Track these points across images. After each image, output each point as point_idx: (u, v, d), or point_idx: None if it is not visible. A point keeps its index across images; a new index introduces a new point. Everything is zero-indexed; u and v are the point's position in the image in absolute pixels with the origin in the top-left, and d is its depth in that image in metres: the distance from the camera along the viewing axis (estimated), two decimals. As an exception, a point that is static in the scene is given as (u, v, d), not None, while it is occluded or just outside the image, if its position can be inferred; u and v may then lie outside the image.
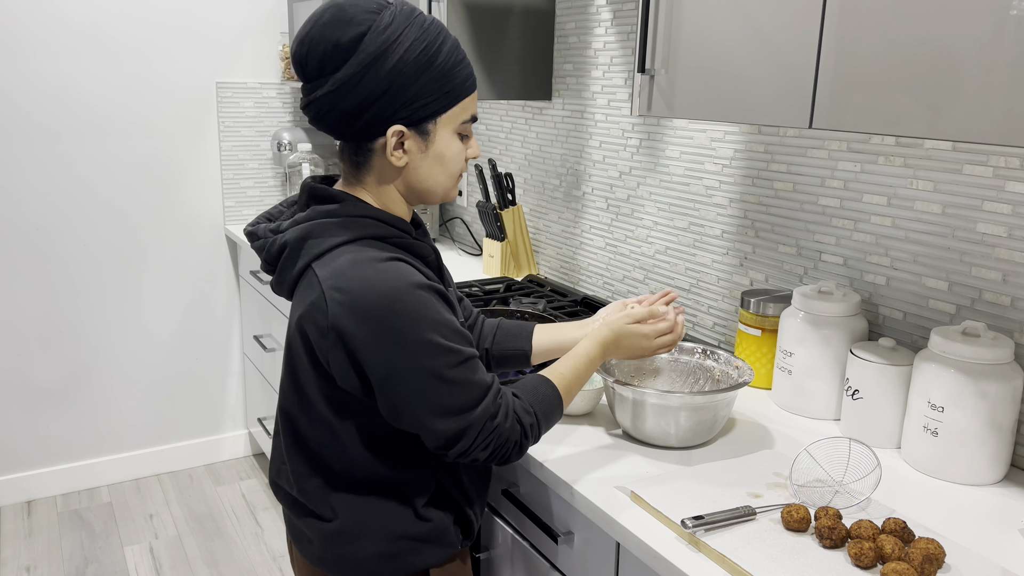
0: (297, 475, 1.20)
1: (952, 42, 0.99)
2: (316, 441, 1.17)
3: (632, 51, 2.07)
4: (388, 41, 1.05)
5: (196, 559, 2.68)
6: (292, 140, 3.07)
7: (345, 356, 1.07)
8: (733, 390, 1.33)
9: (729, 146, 1.83)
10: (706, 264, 1.93)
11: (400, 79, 1.06)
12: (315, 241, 1.10)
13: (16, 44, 2.70)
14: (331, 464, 1.17)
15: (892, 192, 1.49)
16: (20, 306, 2.88)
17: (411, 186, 1.16)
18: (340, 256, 1.08)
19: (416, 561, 1.20)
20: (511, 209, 2.45)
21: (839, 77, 1.13)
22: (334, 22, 1.05)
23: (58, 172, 2.84)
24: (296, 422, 1.19)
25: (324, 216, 1.11)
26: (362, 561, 1.18)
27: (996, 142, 0.95)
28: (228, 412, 3.34)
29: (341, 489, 1.17)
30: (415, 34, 1.06)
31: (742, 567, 1.02)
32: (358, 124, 1.09)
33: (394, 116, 1.08)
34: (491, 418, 1.09)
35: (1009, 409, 1.26)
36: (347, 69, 1.05)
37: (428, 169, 1.14)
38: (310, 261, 1.10)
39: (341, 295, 1.04)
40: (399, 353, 1.04)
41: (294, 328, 1.13)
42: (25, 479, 3.01)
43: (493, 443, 1.09)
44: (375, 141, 1.11)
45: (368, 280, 1.04)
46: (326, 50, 1.06)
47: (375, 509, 1.17)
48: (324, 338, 1.07)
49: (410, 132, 1.10)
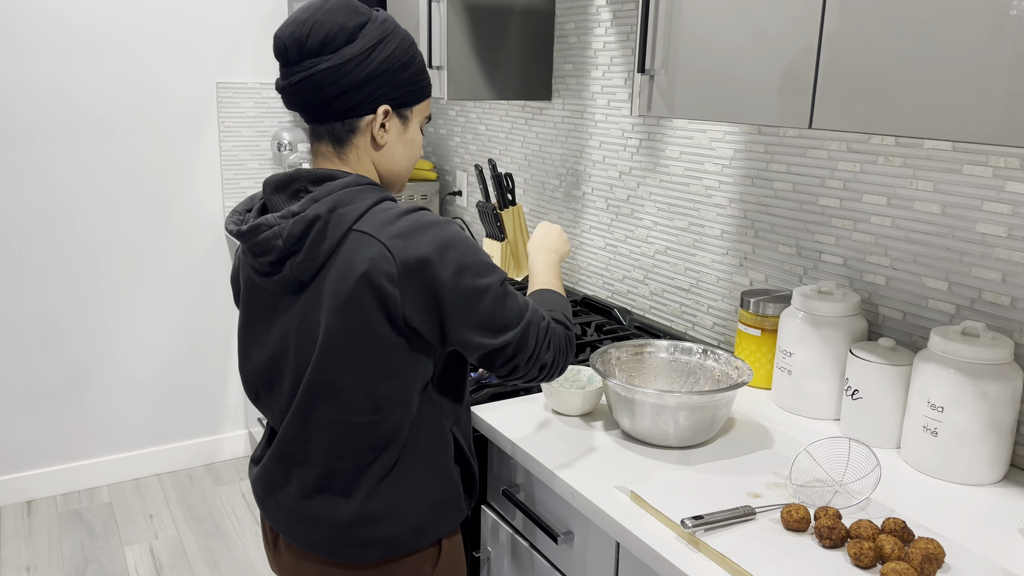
0: (330, 454, 1.20)
1: (952, 42, 0.99)
2: (361, 411, 1.18)
3: (632, 51, 2.07)
4: (386, 33, 1.19)
5: (196, 559, 2.68)
6: (292, 140, 3.07)
7: (420, 292, 1.13)
8: (731, 390, 1.33)
9: (729, 146, 1.83)
10: (706, 264, 1.93)
11: (396, 65, 1.20)
12: (345, 209, 1.16)
13: (15, 45, 2.70)
14: (372, 435, 1.19)
15: (892, 192, 1.49)
16: (20, 306, 2.88)
17: (386, 166, 1.26)
18: (380, 214, 1.16)
19: (438, 529, 1.25)
20: (511, 209, 2.45)
21: (839, 77, 1.13)
22: (339, 10, 1.18)
23: (58, 172, 2.84)
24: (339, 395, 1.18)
25: (341, 188, 1.18)
26: (392, 538, 1.22)
27: (996, 142, 0.95)
28: (228, 412, 3.34)
29: (376, 464, 1.20)
30: (401, 34, 1.22)
31: (742, 567, 1.02)
32: (355, 99, 1.18)
33: (385, 96, 1.21)
34: (541, 318, 1.22)
35: (1009, 409, 1.26)
36: (354, 47, 1.17)
37: (402, 152, 1.26)
38: (350, 226, 1.15)
39: (400, 240, 1.13)
40: (463, 274, 1.14)
41: (354, 291, 1.14)
42: (25, 479, 3.01)
43: (552, 342, 1.23)
44: (363, 118, 1.21)
45: (415, 222, 1.15)
46: (331, 31, 1.16)
47: (404, 480, 1.21)
48: (395, 283, 1.13)
49: (394, 114, 1.23)
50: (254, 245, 1.19)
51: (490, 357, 1.19)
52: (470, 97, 2.28)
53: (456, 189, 3.01)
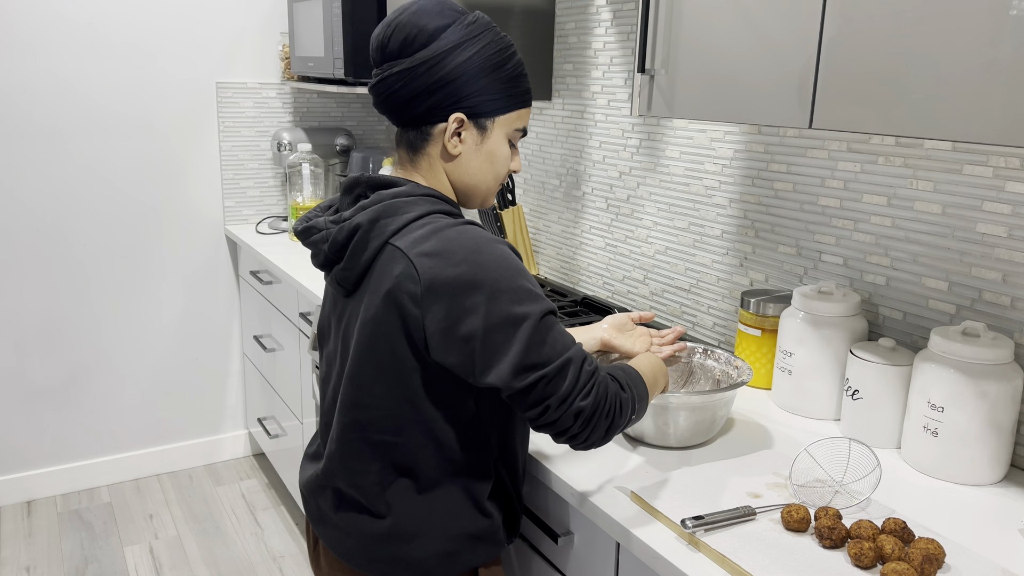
0: (353, 470, 1.18)
1: (952, 42, 0.99)
2: (384, 430, 1.15)
3: (632, 51, 2.07)
4: (469, 36, 1.13)
5: (196, 559, 2.68)
6: (292, 140, 3.07)
7: (444, 316, 1.07)
8: (731, 390, 1.33)
9: (729, 146, 1.83)
10: (706, 264, 1.93)
11: (472, 70, 1.13)
12: (388, 220, 1.12)
13: (16, 44, 2.70)
14: (394, 456, 1.16)
15: (892, 192, 1.49)
16: (20, 306, 2.88)
17: (460, 179, 1.20)
18: (417, 229, 1.11)
19: (471, 559, 1.20)
20: (511, 209, 2.45)
21: (839, 77, 1.13)
22: (424, 12, 1.14)
23: (58, 172, 2.84)
24: (363, 412, 1.16)
25: (392, 197, 1.14)
26: (419, 561, 1.17)
27: (996, 142, 0.95)
28: (228, 412, 3.34)
29: (400, 483, 1.16)
30: (491, 37, 1.15)
31: (742, 567, 1.02)
32: (425, 104, 1.14)
33: (459, 104, 1.14)
34: (586, 360, 1.09)
35: (1009, 409, 1.26)
36: (429, 50, 1.12)
37: (479, 164, 1.19)
38: (387, 239, 1.12)
39: (429, 259, 1.08)
40: (496, 300, 1.05)
41: (380, 307, 1.11)
42: (25, 479, 3.01)
43: (594, 390, 1.08)
44: (436, 126, 1.16)
45: (452, 240, 1.08)
46: (411, 32, 1.13)
47: (436, 505, 1.17)
48: (419, 304, 1.08)
49: (469, 123, 1.16)
50: (308, 245, 1.20)
51: (520, 395, 1.07)
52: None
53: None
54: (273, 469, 3.28)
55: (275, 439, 2.95)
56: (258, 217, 3.22)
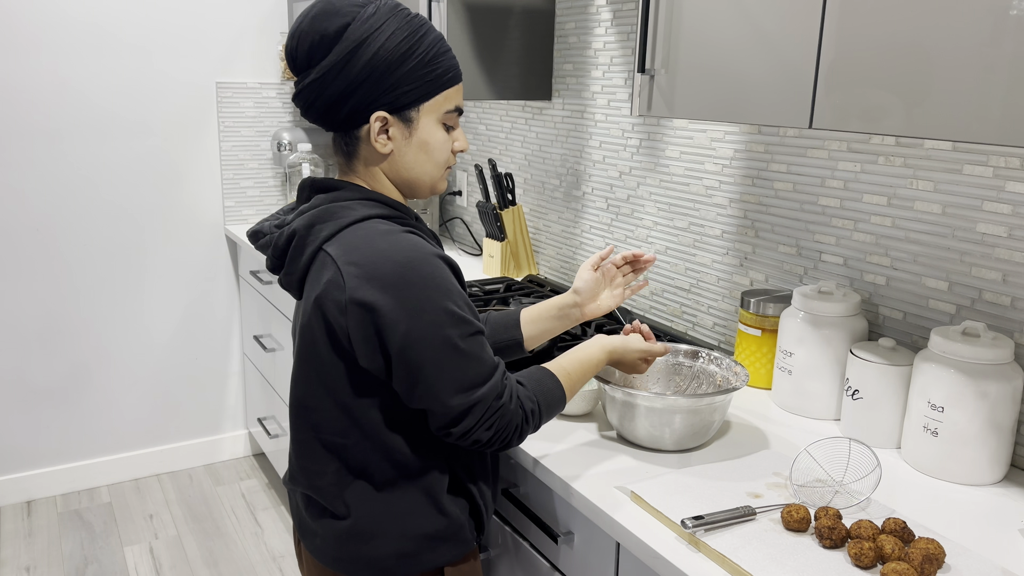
0: (309, 471, 1.19)
1: (952, 42, 0.99)
2: (331, 431, 1.16)
3: (632, 51, 2.07)
4: (371, 29, 1.09)
5: (196, 559, 2.68)
6: (292, 140, 3.07)
7: (365, 329, 1.07)
8: (723, 394, 1.32)
9: (729, 146, 1.83)
10: (706, 264, 1.93)
11: (382, 66, 1.09)
12: (323, 225, 1.11)
13: (16, 43, 2.70)
14: (346, 457, 1.16)
15: (892, 192, 1.49)
16: (20, 306, 2.88)
17: (399, 175, 1.18)
18: (351, 234, 1.10)
19: (433, 559, 1.19)
20: (511, 209, 2.45)
21: (839, 77, 1.13)
22: (322, 15, 1.10)
23: (58, 172, 2.84)
24: (311, 414, 1.18)
25: (329, 202, 1.13)
26: (377, 560, 1.17)
27: (996, 142, 0.95)
28: (228, 412, 3.34)
29: (356, 485, 1.17)
30: (397, 24, 1.10)
31: (742, 567, 1.02)
32: (344, 111, 1.12)
33: (376, 102, 1.11)
34: (497, 397, 1.10)
35: (1009, 409, 1.26)
36: (332, 57, 1.09)
37: (414, 157, 1.16)
38: (320, 244, 1.11)
39: (357, 268, 1.06)
40: (416, 320, 1.05)
41: (310, 312, 1.12)
42: (25, 479, 3.01)
43: (496, 424, 1.10)
44: (360, 128, 1.14)
45: (382, 251, 1.06)
46: (313, 41, 1.10)
47: (392, 506, 1.16)
48: (343, 314, 1.07)
49: (393, 119, 1.13)
50: (259, 250, 1.21)
51: (430, 417, 1.10)
52: (470, 97, 2.28)
53: (456, 189, 3.01)
54: (273, 469, 3.28)
55: (275, 439, 2.95)
56: (258, 217, 3.22)
